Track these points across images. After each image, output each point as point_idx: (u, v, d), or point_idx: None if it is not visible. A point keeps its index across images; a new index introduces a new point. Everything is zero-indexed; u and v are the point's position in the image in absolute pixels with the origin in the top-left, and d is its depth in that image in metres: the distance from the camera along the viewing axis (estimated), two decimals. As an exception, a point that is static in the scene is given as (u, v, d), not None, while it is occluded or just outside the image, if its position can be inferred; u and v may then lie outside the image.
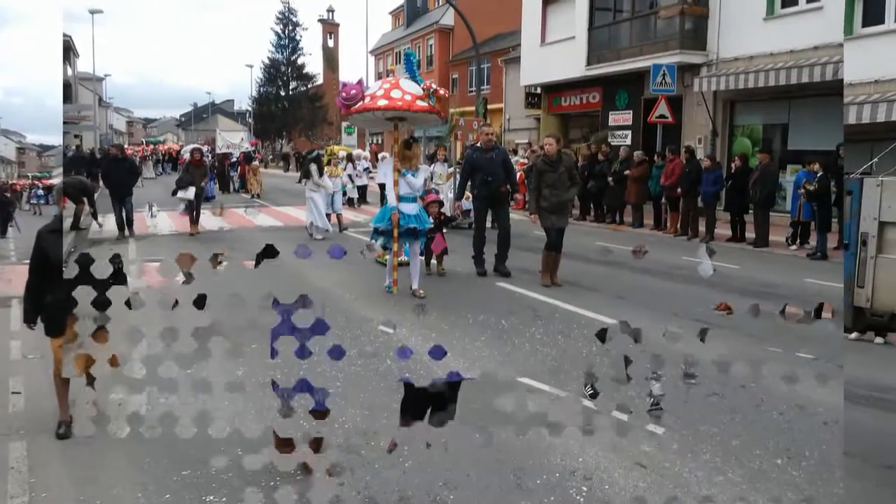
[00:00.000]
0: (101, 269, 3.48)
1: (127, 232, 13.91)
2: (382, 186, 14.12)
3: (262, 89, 66.79)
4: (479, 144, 10.18)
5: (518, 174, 15.84)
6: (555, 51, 23.07)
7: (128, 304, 3.26)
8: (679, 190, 14.20)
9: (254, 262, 3.78)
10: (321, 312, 3.51)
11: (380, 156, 21.21)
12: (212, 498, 3.84)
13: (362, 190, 22.04)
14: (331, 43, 69.16)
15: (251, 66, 63.58)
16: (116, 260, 4.12)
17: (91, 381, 4.19)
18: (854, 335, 7.46)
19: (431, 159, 17.13)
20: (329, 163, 15.58)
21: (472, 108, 23.90)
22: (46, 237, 4.67)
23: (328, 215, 14.11)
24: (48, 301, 4.59)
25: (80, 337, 3.31)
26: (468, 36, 23.15)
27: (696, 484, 3.95)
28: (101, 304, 3.11)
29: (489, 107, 28.70)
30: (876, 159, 9.49)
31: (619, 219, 16.48)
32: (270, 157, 64.88)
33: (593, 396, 3.67)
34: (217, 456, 3.42)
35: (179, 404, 3.23)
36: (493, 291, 8.65)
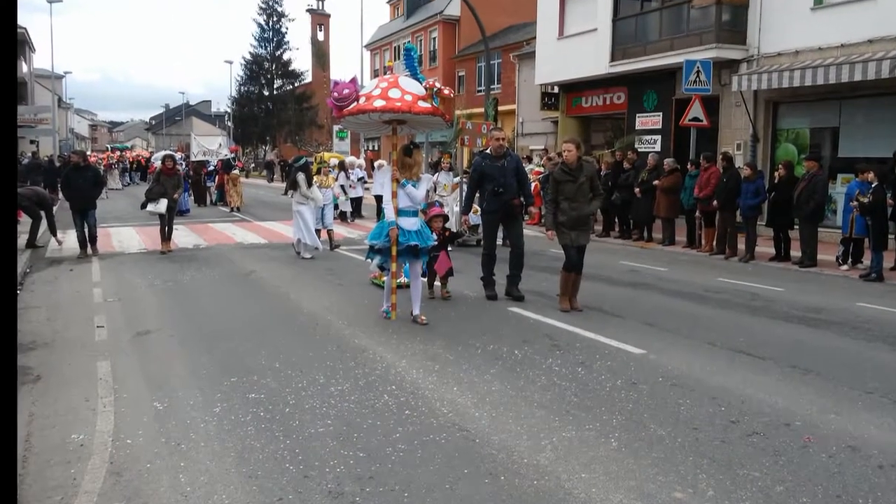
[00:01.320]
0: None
1: (90, 250, 13.99)
2: (379, 199, 14.14)
3: (242, 88, 67.36)
4: (488, 151, 10.23)
5: (533, 185, 15.93)
6: (574, 45, 23.26)
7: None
8: (715, 202, 14.26)
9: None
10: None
11: (376, 164, 21.32)
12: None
13: (356, 203, 22.20)
14: (321, 36, 69.80)
15: (230, 63, 63.75)
16: None
17: None
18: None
19: (435, 168, 17.22)
20: (319, 172, 15.69)
21: (481, 110, 24.09)
22: None
23: (318, 231, 14.18)
24: None
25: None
26: (476, 28, 23.33)
27: (734, 536, 3.97)
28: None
29: (500, 108, 28.83)
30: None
31: (648, 235, 16.55)
32: (252, 165, 65.24)
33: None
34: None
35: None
36: (505, 318, 8.69)
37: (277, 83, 67.47)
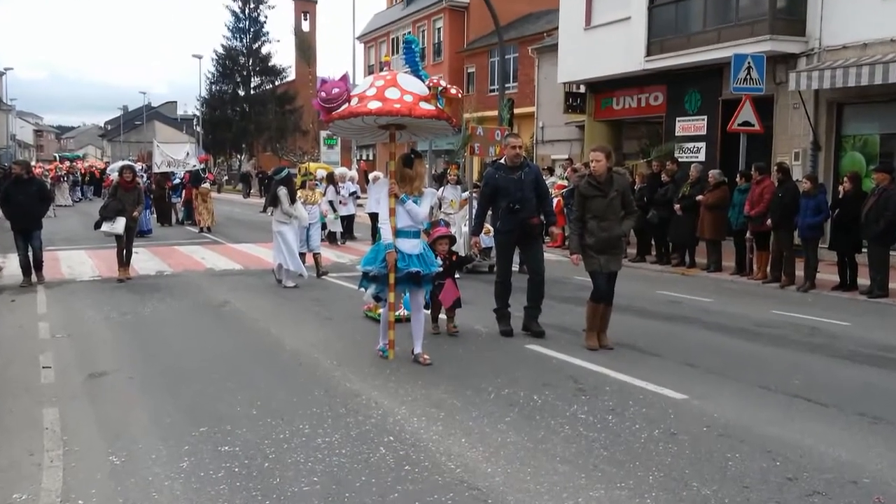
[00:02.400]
0: None
1: (35, 277, 14.08)
2: (375, 217, 14.23)
3: (214, 87, 67.82)
4: (502, 161, 10.29)
5: (555, 200, 16.00)
6: (604, 36, 23.42)
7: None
8: (769, 221, 14.30)
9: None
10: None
11: (371, 176, 21.48)
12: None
13: (348, 222, 22.31)
14: (306, 26, 70.39)
15: (200, 58, 63.75)
16: None
17: None
18: None
19: (440, 181, 17.36)
20: (304, 185, 15.77)
21: (494, 113, 24.19)
22: None
23: (302, 255, 14.26)
24: None
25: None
26: (488, 17, 23.52)
27: None
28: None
29: (516, 111, 29.10)
30: None
31: (690, 260, 16.58)
32: (225, 177, 65.58)
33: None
34: None
35: None
36: (522, 357, 8.72)
37: (255, 81, 67.89)
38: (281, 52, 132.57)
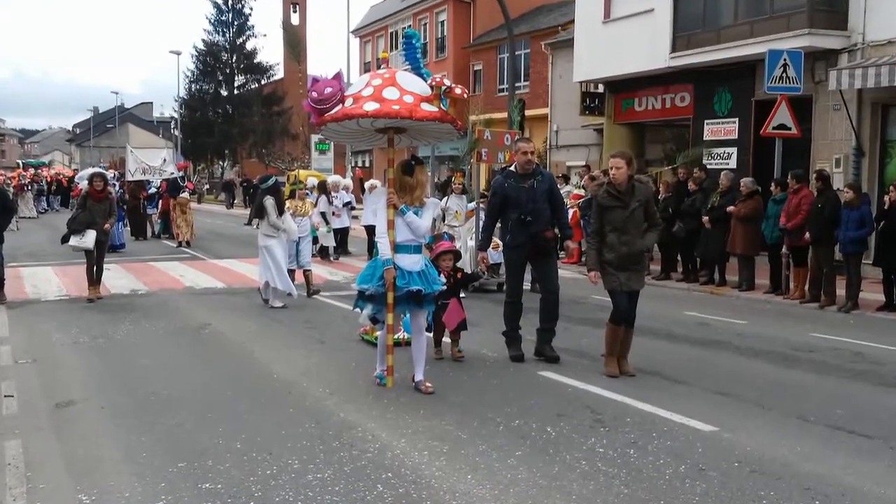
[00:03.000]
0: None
1: (-5, 296, 14.11)
2: (371, 230, 14.23)
3: (193, 87, 68.13)
4: (512, 168, 10.33)
5: (571, 212, 16.02)
6: (625, 30, 23.50)
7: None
8: (807, 235, 14.30)
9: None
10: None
11: (367, 185, 21.54)
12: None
13: (341, 235, 22.36)
14: (295, 19, 70.76)
15: (178, 54, 64.00)
16: None
17: None
18: None
19: (443, 190, 17.36)
20: (293, 195, 15.81)
21: (504, 115, 24.24)
22: None
23: (291, 273, 14.29)
24: None
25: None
26: (497, 8, 23.58)
27: None
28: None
29: (528, 113, 29.14)
30: None
31: (720, 277, 16.59)
32: (206, 186, 65.70)
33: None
34: None
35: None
36: (535, 384, 8.72)
37: (239, 80, 68.20)
38: (268, 47, 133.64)
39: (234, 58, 67.55)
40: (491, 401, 7.96)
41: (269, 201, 13.77)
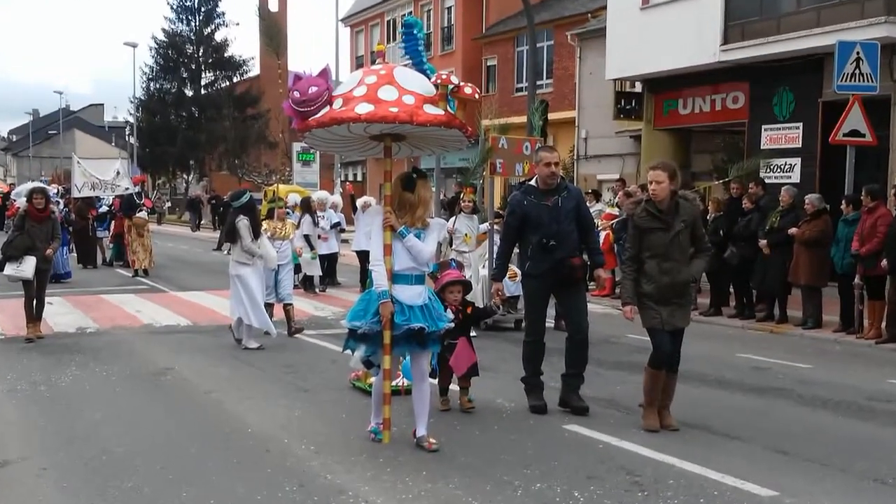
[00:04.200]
0: None
1: (-85, 336, 14.18)
2: (364, 256, 14.25)
3: (152, 86, 68.36)
4: (533, 183, 10.35)
5: (602, 235, 16.06)
6: (666, 19, 23.62)
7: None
8: (884, 262, 14.32)
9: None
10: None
11: (359, 203, 21.58)
12: None
13: (329, 262, 22.40)
14: (274, 5, 71.13)
15: (134, 46, 64.24)
16: None
17: None
18: None
19: (450, 209, 17.44)
20: (271, 215, 15.87)
21: (522, 119, 24.31)
22: None
23: (269, 307, 14.35)
24: None
25: None
26: (513, -6, 23.63)
27: None
28: None
29: (551, 116, 29.16)
30: None
31: (780, 313, 16.58)
32: (168, 204, 65.81)
33: None
34: None
35: None
36: (559, 440, 8.75)
37: (207, 77, 68.48)
38: (241, 38, 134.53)
39: (201, 51, 67.80)
40: (507, 460, 7.98)
41: (243, 222, 13.70)
